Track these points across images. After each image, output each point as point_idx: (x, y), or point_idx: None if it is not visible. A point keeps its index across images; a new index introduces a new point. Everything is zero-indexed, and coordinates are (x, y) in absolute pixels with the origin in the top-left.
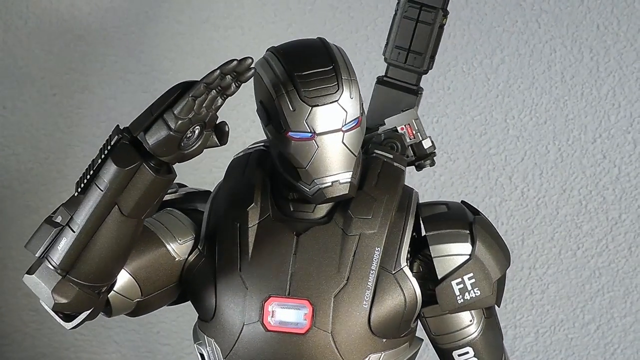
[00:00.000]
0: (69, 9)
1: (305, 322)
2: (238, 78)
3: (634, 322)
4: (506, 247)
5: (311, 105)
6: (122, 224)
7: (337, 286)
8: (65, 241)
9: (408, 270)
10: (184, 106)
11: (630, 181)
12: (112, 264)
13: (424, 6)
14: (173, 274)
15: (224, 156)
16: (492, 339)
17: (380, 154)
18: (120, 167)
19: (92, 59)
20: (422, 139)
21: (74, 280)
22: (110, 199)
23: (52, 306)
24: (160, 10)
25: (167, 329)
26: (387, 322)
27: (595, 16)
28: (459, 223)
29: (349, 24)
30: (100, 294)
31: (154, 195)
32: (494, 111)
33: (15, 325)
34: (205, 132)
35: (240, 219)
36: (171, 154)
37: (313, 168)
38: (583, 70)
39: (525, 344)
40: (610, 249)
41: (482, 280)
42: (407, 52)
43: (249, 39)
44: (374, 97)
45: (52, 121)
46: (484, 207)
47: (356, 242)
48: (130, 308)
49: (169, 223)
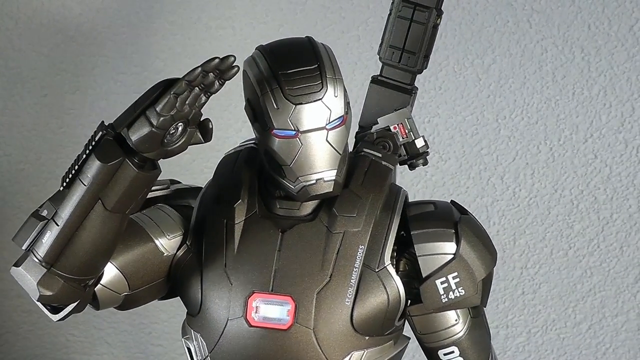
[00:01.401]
0: (60, 9)
1: (288, 318)
2: (221, 76)
3: (625, 322)
4: (492, 247)
5: (295, 104)
6: (105, 219)
7: (320, 283)
8: (50, 235)
9: (392, 268)
10: (166, 103)
11: (621, 181)
12: (96, 258)
13: (417, 6)
14: (161, 268)
15: (216, 157)
16: (478, 339)
17: (368, 152)
18: (103, 163)
19: (83, 59)
20: (415, 138)
21: (59, 273)
22: (94, 193)
23: (37, 298)
24: (152, 10)
25: (159, 330)
26: (370, 319)
27: (587, 16)
28: (444, 222)
29: (341, 24)
30: (86, 287)
31: (137, 191)
32: (486, 111)
33: (8, 327)
34: (189, 129)
35: (227, 216)
36: (154, 150)
37: (297, 166)
38: (574, 70)
39: (517, 344)
40: (601, 249)
41: (466, 280)
42: (401, 51)
43: (240, 39)
44: (369, 97)
45: (43, 122)
46: (475, 206)
47: (340, 240)
48: (118, 302)
49: (158, 219)
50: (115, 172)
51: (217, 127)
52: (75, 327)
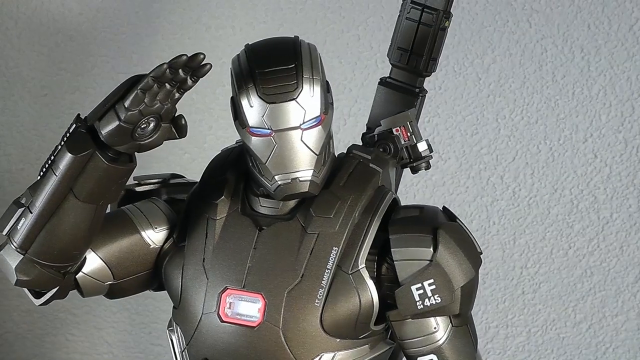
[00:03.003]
0: (59, 9)
1: (258, 315)
2: (193, 73)
3: (625, 321)
4: (475, 256)
5: (268, 102)
6: (78, 209)
7: (291, 282)
8: (24, 222)
9: (366, 271)
10: (133, 98)
11: (621, 180)
12: (71, 247)
13: (425, 8)
14: (148, 260)
15: None
16: (460, 348)
17: (357, 154)
18: (72, 154)
19: (83, 59)
20: (417, 142)
21: (33, 259)
22: (64, 184)
23: (15, 282)
24: (152, 10)
25: (159, 330)
26: (340, 322)
27: (586, 16)
28: (424, 227)
29: (340, 23)
30: (65, 274)
31: (109, 183)
32: (485, 111)
33: (7, 327)
34: (162, 124)
35: (209, 211)
36: (124, 143)
37: (272, 164)
38: (574, 69)
39: (517, 344)
40: (601, 248)
41: (443, 287)
42: (409, 53)
43: (240, 39)
44: (376, 99)
45: (43, 122)
46: (475, 206)
47: (314, 240)
48: (103, 291)
49: (148, 211)
50: (85, 164)
51: (217, 127)
52: (75, 327)
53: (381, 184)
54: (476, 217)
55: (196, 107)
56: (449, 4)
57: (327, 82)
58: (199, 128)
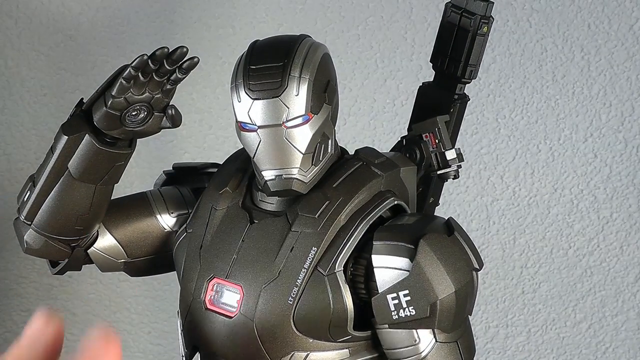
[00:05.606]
0: (59, 8)
1: (236, 306)
2: (179, 67)
3: (625, 321)
4: (459, 270)
5: (252, 98)
6: (75, 186)
7: (268, 278)
8: (29, 195)
9: (342, 275)
10: (117, 87)
11: (621, 180)
12: (72, 223)
13: (464, 12)
14: (162, 242)
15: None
16: None
17: (362, 156)
18: (65, 135)
19: (82, 58)
20: (445, 150)
21: (38, 230)
22: (60, 162)
23: (24, 250)
24: (152, 10)
25: (159, 329)
26: (311, 322)
27: (586, 15)
28: (407, 237)
29: (340, 23)
30: (74, 247)
31: (103, 164)
32: (485, 110)
33: (7, 327)
34: (155, 113)
35: (214, 201)
36: (115, 128)
37: (258, 160)
38: (574, 69)
39: (517, 343)
40: (601, 248)
41: (418, 300)
42: (447, 58)
43: (240, 39)
44: (416, 103)
45: (42, 121)
46: (475, 206)
47: (296, 239)
48: (117, 267)
49: (169, 195)
50: (78, 145)
51: (217, 127)
52: (75, 326)
53: (385, 188)
54: (476, 217)
55: (196, 107)
56: (489, 7)
57: (329, 81)
58: (199, 128)
